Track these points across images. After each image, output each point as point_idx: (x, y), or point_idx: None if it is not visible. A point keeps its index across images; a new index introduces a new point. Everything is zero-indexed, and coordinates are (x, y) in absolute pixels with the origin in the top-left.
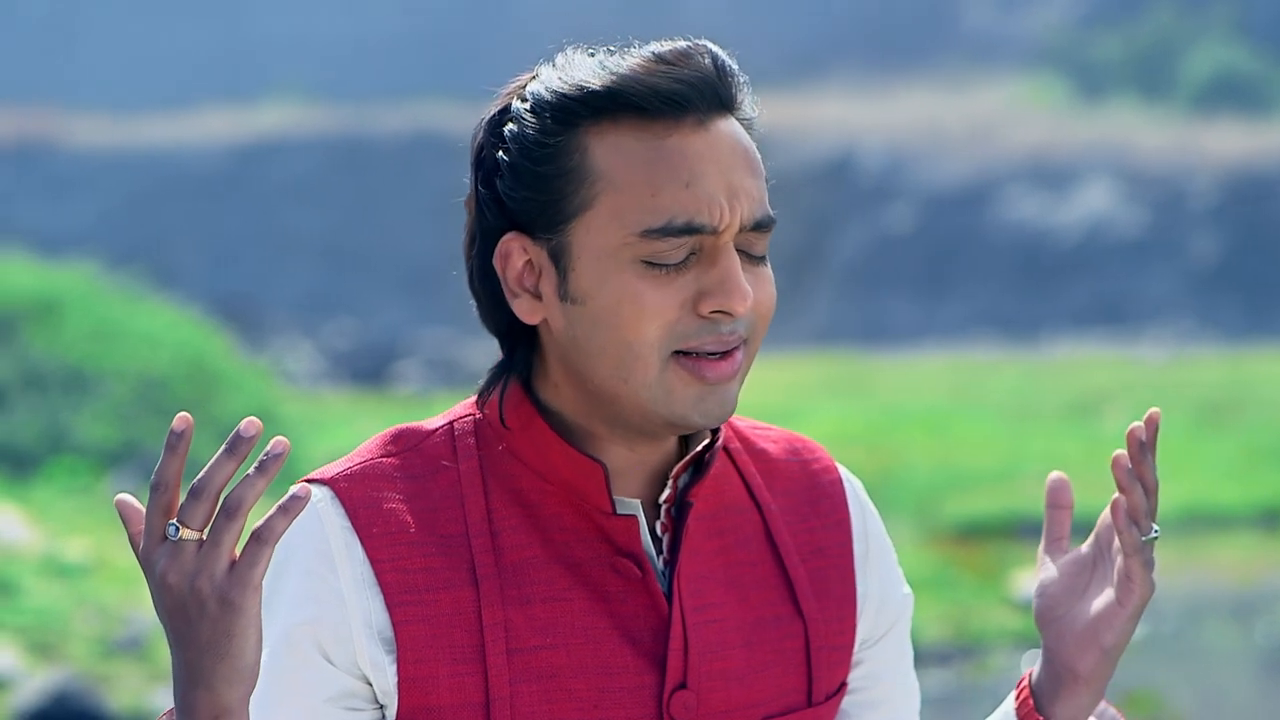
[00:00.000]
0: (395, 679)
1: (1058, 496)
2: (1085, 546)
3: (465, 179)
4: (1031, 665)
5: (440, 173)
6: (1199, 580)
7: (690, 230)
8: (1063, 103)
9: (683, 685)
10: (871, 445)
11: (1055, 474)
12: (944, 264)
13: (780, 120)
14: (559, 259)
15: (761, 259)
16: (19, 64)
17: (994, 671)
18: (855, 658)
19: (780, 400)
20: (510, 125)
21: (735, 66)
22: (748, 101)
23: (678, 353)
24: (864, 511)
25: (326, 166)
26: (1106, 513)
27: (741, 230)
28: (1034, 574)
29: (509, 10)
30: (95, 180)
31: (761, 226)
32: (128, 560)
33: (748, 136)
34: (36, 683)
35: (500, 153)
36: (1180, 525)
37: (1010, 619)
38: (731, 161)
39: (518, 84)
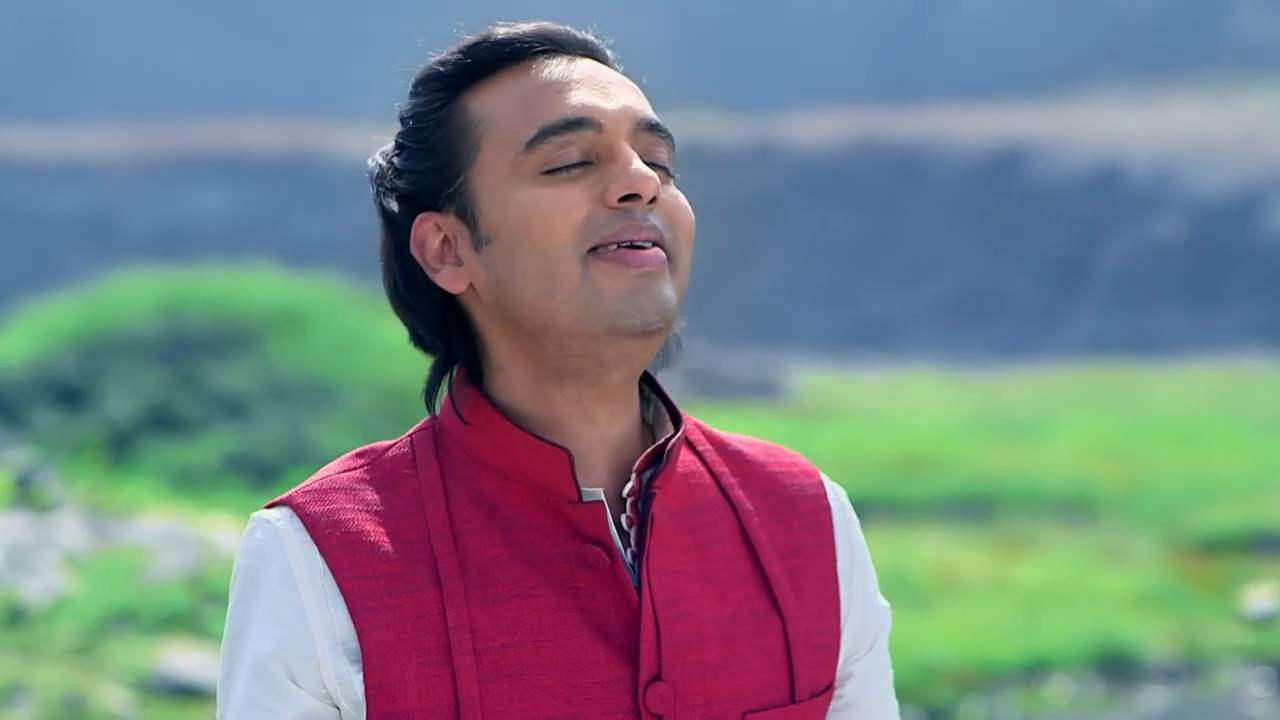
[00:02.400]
0: (363, 688)
1: None
2: None
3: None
4: (1261, 684)
5: (701, 184)
6: None
7: (570, 125)
8: None
9: (657, 678)
10: (1121, 456)
11: None
12: (1213, 274)
13: (1047, 129)
14: (466, 212)
15: (667, 177)
16: (294, 76)
17: (1222, 689)
18: (844, 670)
19: (1037, 409)
20: (398, 132)
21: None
22: (619, 66)
23: (596, 250)
24: (848, 520)
25: None
26: None
27: (634, 131)
28: None
29: (773, 22)
30: (361, 191)
31: (654, 129)
32: None
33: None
34: None
35: (395, 158)
36: None
37: (1241, 635)
38: (605, 79)
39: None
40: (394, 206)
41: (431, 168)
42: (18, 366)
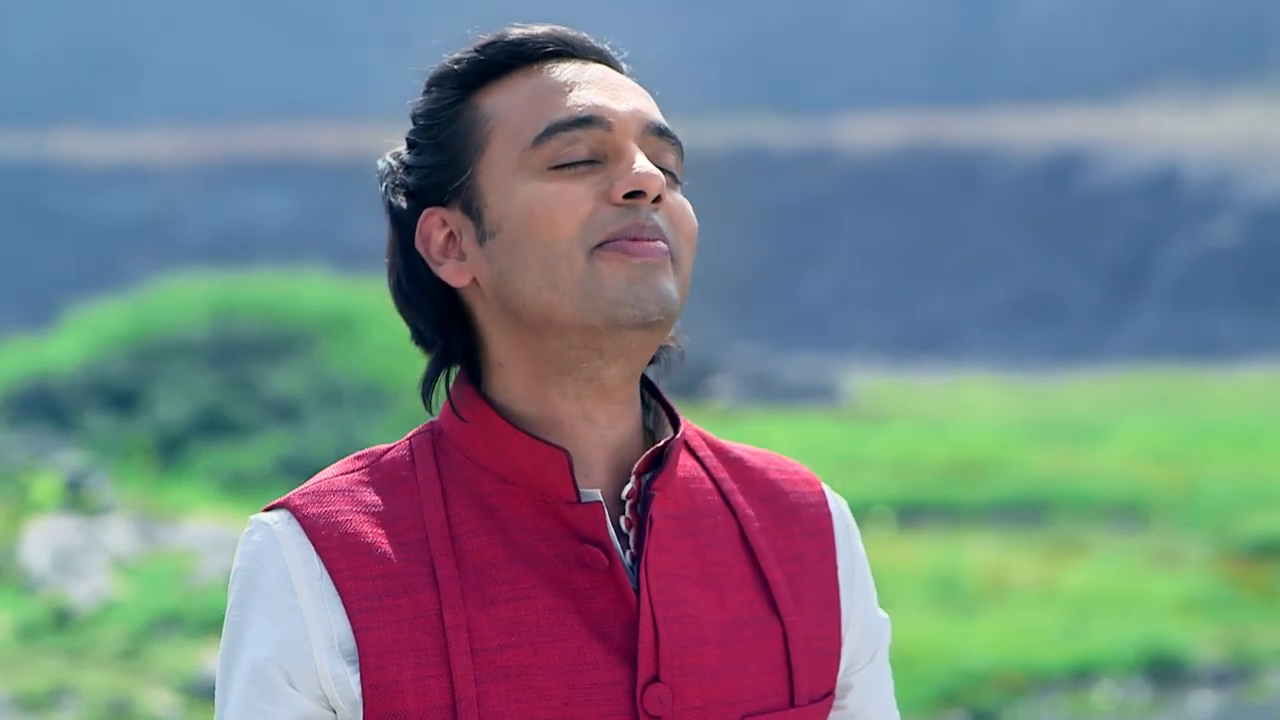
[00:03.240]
0: (360, 688)
1: None
2: None
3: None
4: None
5: (761, 187)
6: None
7: (579, 123)
8: None
9: (655, 679)
10: (1174, 460)
11: None
12: (1270, 278)
13: (1105, 133)
14: (472, 206)
15: (674, 182)
16: (349, 81)
17: (1271, 693)
18: (845, 680)
19: (1092, 413)
20: (410, 130)
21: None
22: (635, 78)
23: (601, 246)
24: (849, 530)
25: None
26: None
27: (642, 134)
28: None
29: (830, 25)
30: None
31: (663, 133)
32: None
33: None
34: None
35: (405, 154)
36: None
37: None
38: (615, 82)
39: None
40: (402, 203)
41: (439, 163)
42: (70, 370)
